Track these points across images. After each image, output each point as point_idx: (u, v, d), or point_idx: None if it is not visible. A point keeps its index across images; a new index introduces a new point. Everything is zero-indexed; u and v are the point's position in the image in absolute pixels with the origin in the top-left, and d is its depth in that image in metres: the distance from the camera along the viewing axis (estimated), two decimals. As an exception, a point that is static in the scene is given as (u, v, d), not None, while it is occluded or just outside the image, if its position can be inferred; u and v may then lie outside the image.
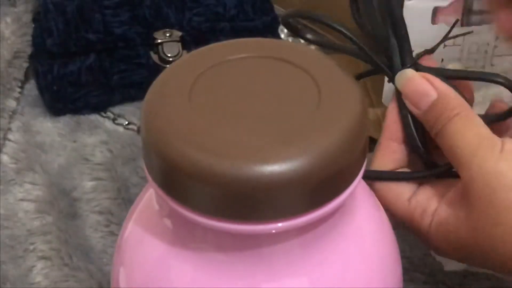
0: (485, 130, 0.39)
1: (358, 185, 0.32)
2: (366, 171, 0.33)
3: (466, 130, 0.38)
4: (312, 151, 0.29)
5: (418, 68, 0.42)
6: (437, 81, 0.41)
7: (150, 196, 0.35)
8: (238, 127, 0.30)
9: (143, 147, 0.31)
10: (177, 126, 0.30)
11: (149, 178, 0.31)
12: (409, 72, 0.41)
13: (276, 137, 0.30)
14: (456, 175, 0.39)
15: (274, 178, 0.29)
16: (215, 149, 0.29)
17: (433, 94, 0.40)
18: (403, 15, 0.42)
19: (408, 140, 0.42)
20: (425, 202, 0.40)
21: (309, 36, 0.44)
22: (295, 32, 0.43)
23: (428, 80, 0.41)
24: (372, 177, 0.41)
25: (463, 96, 0.41)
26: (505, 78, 0.41)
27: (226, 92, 0.32)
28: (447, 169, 0.41)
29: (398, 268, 0.37)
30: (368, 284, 0.34)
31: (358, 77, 0.45)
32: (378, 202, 0.37)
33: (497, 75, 0.41)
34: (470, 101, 0.43)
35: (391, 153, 0.42)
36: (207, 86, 0.32)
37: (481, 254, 0.38)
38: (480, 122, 0.39)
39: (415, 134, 0.41)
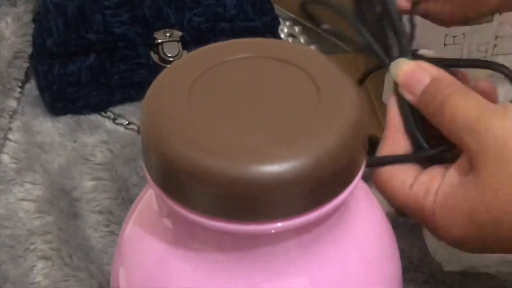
0: (483, 99, 0.39)
1: (357, 185, 0.32)
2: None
3: (466, 101, 0.39)
4: (311, 151, 0.29)
5: (415, 58, 0.42)
6: (429, 66, 0.41)
7: (150, 196, 0.35)
8: (237, 127, 0.30)
9: (143, 147, 0.32)
10: (177, 126, 0.30)
11: (149, 178, 0.31)
12: (402, 60, 0.42)
13: (275, 137, 0.30)
14: (448, 160, 0.40)
15: (273, 178, 0.29)
16: (215, 149, 0.29)
17: (426, 78, 0.40)
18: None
19: (407, 132, 0.42)
20: (427, 183, 0.40)
21: (324, 26, 0.44)
22: (311, 19, 0.44)
23: (420, 66, 0.41)
24: (372, 164, 0.41)
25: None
26: (504, 66, 0.42)
27: (226, 92, 0.32)
28: (445, 151, 0.41)
29: (398, 268, 0.37)
30: (368, 284, 0.34)
31: (362, 78, 0.45)
32: (377, 201, 0.37)
33: (498, 63, 0.42)
34: None
35: (396, 144, 0.42)
36: (206, 86, 0.32)
37: (492, 220, 0.37)
38: (476, 94, 0.39)
39: (414, 126, 0.41)
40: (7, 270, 0.52)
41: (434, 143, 0.41)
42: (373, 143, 0.42)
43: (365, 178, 0.35)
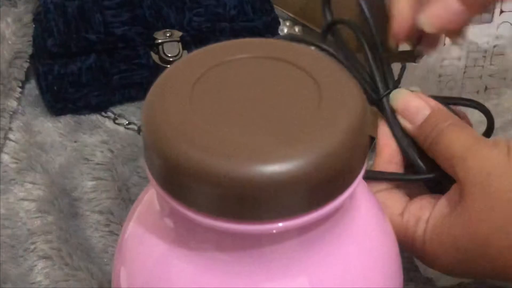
0: (477, 133, 0.41)
1: (359, 185, 0.32)
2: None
3: (461, 133, 0.40)
4: (313, 151, 0.29)
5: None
6: (429, 99, 0.43)
7: (151, 196, 0.35)
8: (239, 127, 0.31)
9: (144, 147, 0.32)
10: (178, 126, 0.30)
11: (150, 178, 0.32)
12: (403, 90, 0.44)
13: (277, 137, 0.30)
14: (440, 190, 0.42)
15: (275, 178, 0.29)
16: (216, 149, 0.29)
17: (426, 110, 0.42)
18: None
19: (408, 159, 0.43)
20: (418, 212, 0.41)
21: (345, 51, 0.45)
22: (339, 42, 0.45)
23: (420, 97, 0.43)
24: (368, 178, 0.42)
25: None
26: (477, 102, 0.45)
27: (227, 92, 0.32)
28: (441, 176, 0.42)
29: (398, 268, 0.37)
30: (369, 284, 0.34)
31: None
32: (379, 202, 0.37)
33: (471, 100, 0.45)
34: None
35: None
36: (208, 86, 0.32)
37: (476, 249, 0.38)
38: (472, 129, 0.41)
39: (414, 152, 0.43)
40: (8, 270, 0.52)
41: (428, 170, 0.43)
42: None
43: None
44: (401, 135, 0.43)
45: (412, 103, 0.43)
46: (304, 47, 0.34)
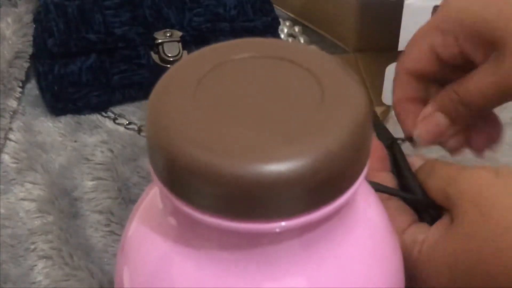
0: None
1: (361, 185, 0.32)
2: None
3: (450, 166, 0.43)
4: (316, 150, 0.29)
5: None
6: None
7: (153, 195, 0.35)
8: (242, 126, 0.31)
9: (148, 145, 0.32)
10: (182, 125, 0.30)
11: (154, 176, 0.32)
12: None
13: (280, 136, 0.30)
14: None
15: (278, 177, 0.29)
16: (219, 148, 0.29)
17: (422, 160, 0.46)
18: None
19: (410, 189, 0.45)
20: (415, 233, 0.42)
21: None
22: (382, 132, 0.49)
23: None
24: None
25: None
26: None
27: (230, 92, 0.32)
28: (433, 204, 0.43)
29: (400, 268, 0.37)
30: (370, 284, 0.34)
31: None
32: (380, 203, 0.37)
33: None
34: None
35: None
36: (211, 85, 0.32)
37: (469, 267, 0.39)
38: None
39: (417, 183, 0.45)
40: (8, 270, 0.52)
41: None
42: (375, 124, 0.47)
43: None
44: (407, 169, 0.46)
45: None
46: (307, 46, 0.34)
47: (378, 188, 0.43)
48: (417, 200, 0.44)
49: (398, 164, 0.46)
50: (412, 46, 0.47)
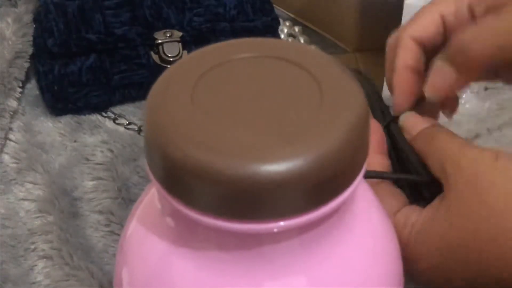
0: (465, 140, 0.43)
1: (359, 184, 0.32)
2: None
3: (451, 138, 0.43)
4: (314, 150, 0.29)
5: None
6: (427, 118, 0.47)
7: (152, 196, 0.35)
8: (240, 126, 0.31)
9: (146, 145, 0.32)
10: (180, 125, 0.30)
11: (152, 177, 0.32)
12: (407, 112, 0.48)
13: (278, 136, 0.30)
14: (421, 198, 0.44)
15: (276, 177, 0.29)
16: (218, 148, 0.29)
17: (424, 124, 0.46)
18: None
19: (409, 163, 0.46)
20: (407, 215, 0.43)
21: None
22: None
23: (416, 116, 0.47)
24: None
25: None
26: None
27: (229, 92, 0.32)
28: (429, 180, 0.44)
29: (399, 268, 0.37)
30: (369, 284, 0.34)
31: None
32: (379, 201, 0.37)
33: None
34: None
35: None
36: (209, 85, 0.32)
37: (462, 244, 0.39)
38: (462, 139, 0.44)
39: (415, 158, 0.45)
40: (8, 270, 0.52)
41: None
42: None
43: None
44: (405, 144, 0.47)
45: (410, 118, 0.47)
46: (307, 46, 0.35)
47: (371, 174, 0.44)
48: (415, 179, 0.44)
49: (396, 142, 0.47)
50: (422, 14, 0.47)
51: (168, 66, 0.63)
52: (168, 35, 0.65)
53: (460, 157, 0.41)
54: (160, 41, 0.64)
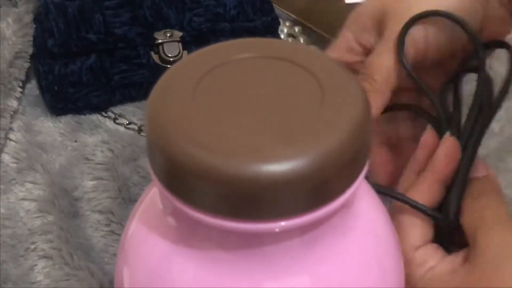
0: (508, 212, 0.42)
1: (360, 184, 0.32)
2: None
3: (498, 205, 0.42)
4: (316, 150, 0.29)
5: None
6: None
7: (153, 195, 0.35)
8: (241, 126, 0.31)
9: (148, 145, 0.32)
10: (181, 125, 0.30)
11: (153, 176, 0.32)
12: None
13: (280, 136, 0.30)
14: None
15: (277, 177, 0.29)
16: (219, 148, 0.29)
17: None
18: None
19: None
20: (427, 257, 0.42)
21: None
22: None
23: None
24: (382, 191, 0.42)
25: None
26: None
27: (230, 92, 0.32)
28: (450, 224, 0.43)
29: (399, 268, 0.37)
30: (370, 283, 0.34)
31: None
32: (380, 202, 0.37)
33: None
34: None
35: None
36: (210, 85, 0.32)
37: None
38: (506, 207, 0.42)
39: None
40: (8, 270, 0.52)
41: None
42: None
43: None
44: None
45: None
46: (307, 46, 0.35)
47: (384, 191, 0.43)
48: (434, 216, 0.43)
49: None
50: (345, 29, 0.51)
51: (168, 66, 0.63)
52: (168, 35, 0.65)
53: (493, 232, 0.40)
54: (160, 41, 0.65)
